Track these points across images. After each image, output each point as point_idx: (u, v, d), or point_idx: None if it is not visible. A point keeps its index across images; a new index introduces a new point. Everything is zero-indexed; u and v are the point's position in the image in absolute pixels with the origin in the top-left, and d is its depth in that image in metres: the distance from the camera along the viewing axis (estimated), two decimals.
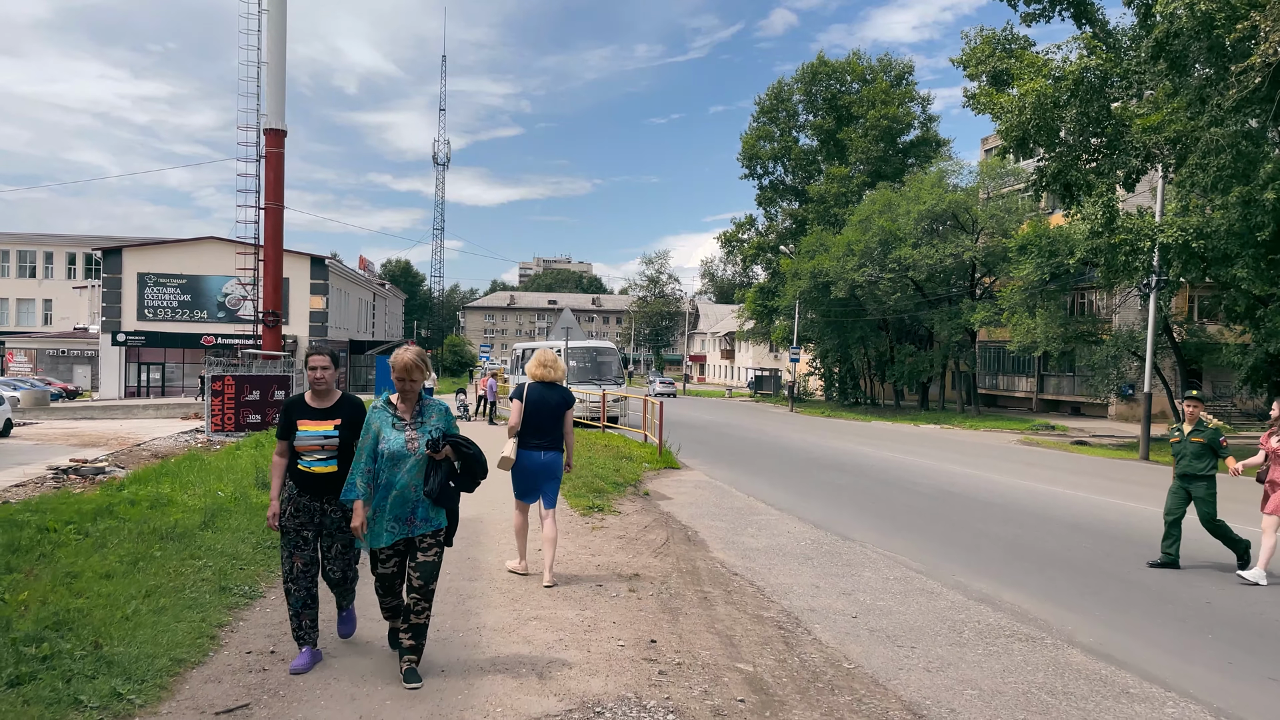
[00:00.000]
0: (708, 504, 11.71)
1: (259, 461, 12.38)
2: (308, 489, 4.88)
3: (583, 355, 27.11)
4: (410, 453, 4.66)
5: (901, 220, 41.31)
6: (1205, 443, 8.56)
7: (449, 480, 4.78)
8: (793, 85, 56.14)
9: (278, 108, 36.41)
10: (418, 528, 4.71)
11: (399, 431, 4.71)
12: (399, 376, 4.77)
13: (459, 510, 4.94)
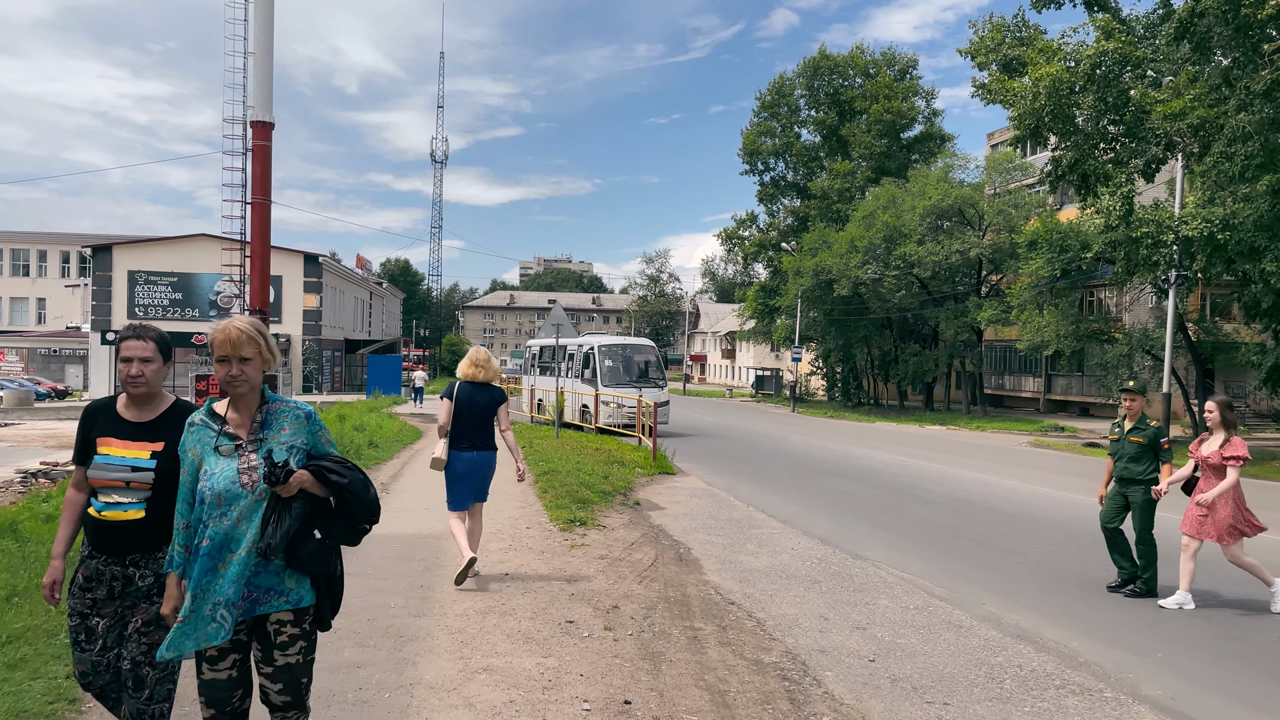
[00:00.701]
0: (704, 515, 10.68)
1: None
2: (104, 545, 3.17)
3: (617, 354, 23.92)
4: (245, 490, 2.93)
5: (906, 216, 40.24)
6: (1145, 443, 7.52)
7: (312, 528, 2.97)
8: (794, 80, 55.08)
9: (265, 100, 35.34)
10: (264, 605, 2.97)
11: (229, 458, 2.96)
12: (221, 358, 3.00)
13: (341, 573, 3.21)
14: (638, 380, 23.24)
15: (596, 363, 22.95)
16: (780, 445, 22.65)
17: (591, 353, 23.39)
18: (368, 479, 3.15)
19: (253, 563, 2.91)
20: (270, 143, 34.84)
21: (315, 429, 3.14)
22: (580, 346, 24.14)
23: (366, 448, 16.36)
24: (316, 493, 3.01)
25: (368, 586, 6.56)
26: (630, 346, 24.54)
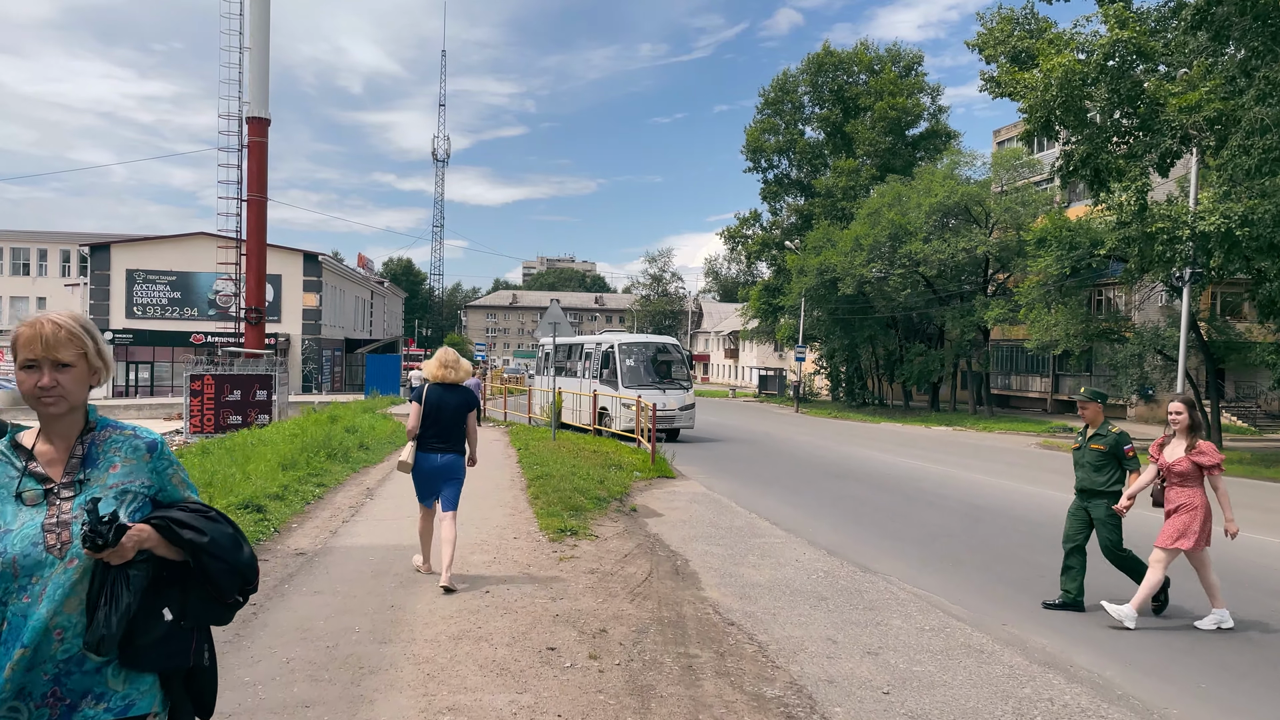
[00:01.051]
0: (703, 523, 10.13)
1: (196, 474, 10.82)
2: None
3: (640, 353, 22.40)
4: (51, 556, 1.98)
5: (912, 214, 39.65)
6: (1107, 450, 6.91)
7: (159, 606, 2.06)
8: (798, 76, 54.50)
9: (261, 95, 34.85)
10: (77, 715, 1.99)
11: (33, 509, 2.02)
12: (28, 363, 2.07)
13: (212, 661, 2.22)
14: (661, 380, 21.83)
15: (617, 362, 21.75)
16: (784, 446, 22.10)
17: (611, 351, 22.07)
18: (238, 533, 2.23)
19: (59, 656, 1.97)
20: (266, 139, 34.47)
21: (162, 465, 2.23)
22: (598, 345, 22.98)
23: (356, 450, 15.83)
24: (165, 555, 2.07)
25: (335, 606, 6.02)
26: (653, 345, 22.98)
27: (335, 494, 11.21)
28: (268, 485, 10.41)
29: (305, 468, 12.40)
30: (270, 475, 11.28)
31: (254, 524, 8.35)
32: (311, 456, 13.49)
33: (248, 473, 11.26)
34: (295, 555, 7.52)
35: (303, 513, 9.62)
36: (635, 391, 20.34)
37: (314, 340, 54.85)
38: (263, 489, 10.10)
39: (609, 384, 21.57)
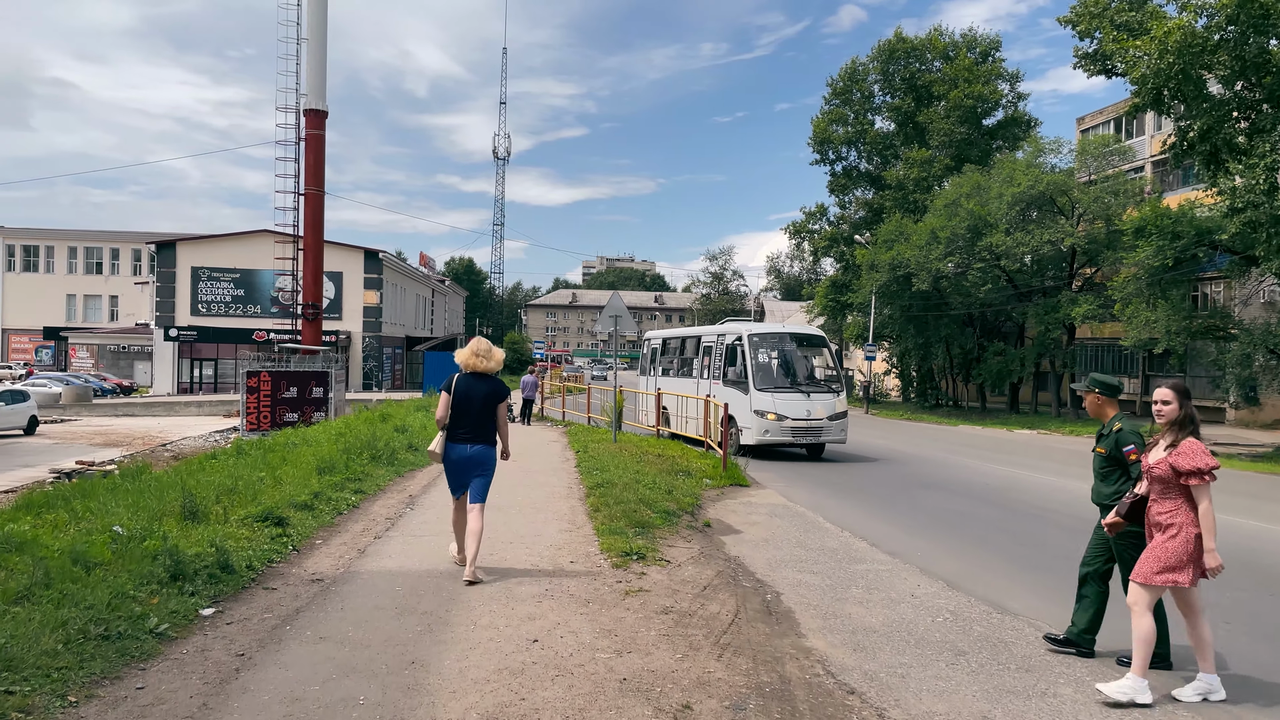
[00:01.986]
0: (789, 542, 8.69)
1: (218, 479, 9.76)
2: None
3: (776, 347, 17.79)
4: None
5: (993, 204, 37.47)
6: (1108, 454, 5.44)
7: None
8: (868, 65, 52.42)
9: (318, 87, 34.29)
10: None
11: None
12: None
13: None
14: (804, 382, 17.57)
15: (746, 358, 17.32)
16: (861, 450, 20.45)
17: (739, 345, 17.69)
18: None
19: None
20: (324, 131, 33.82)
21: None
22: (721, 337, 18.84)
23: (404, 451, 14.72)
24: None
25: (340, 661, 4.73)
26: (795, 337, 18.54)
27: (373, 502, 10.03)
28: (297, 492, 9.27)
29: (344, 471, 11.27)
30: (303, 480, 10.17)
31: (269, 541, 7.18)
32: (353, 459, 12.39)
33: (278, 477, 10.16)
34: (310, 582, 6.30)
35: (332, 526, 8.43)
36: (770, 396, 16.82)
37: (374, 338, 54.57)
38: (290, 497, 8.96)
39: (736, 385, 17.44)
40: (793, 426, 16.72)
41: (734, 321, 20.12)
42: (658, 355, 22.61)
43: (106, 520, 7.11)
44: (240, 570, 6.18)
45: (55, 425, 31.38)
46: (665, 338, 22.43)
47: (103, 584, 5.30)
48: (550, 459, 15.11)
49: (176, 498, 7.86)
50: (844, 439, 17.74)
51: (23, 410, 27.73)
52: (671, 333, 22.62)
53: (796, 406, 16.78)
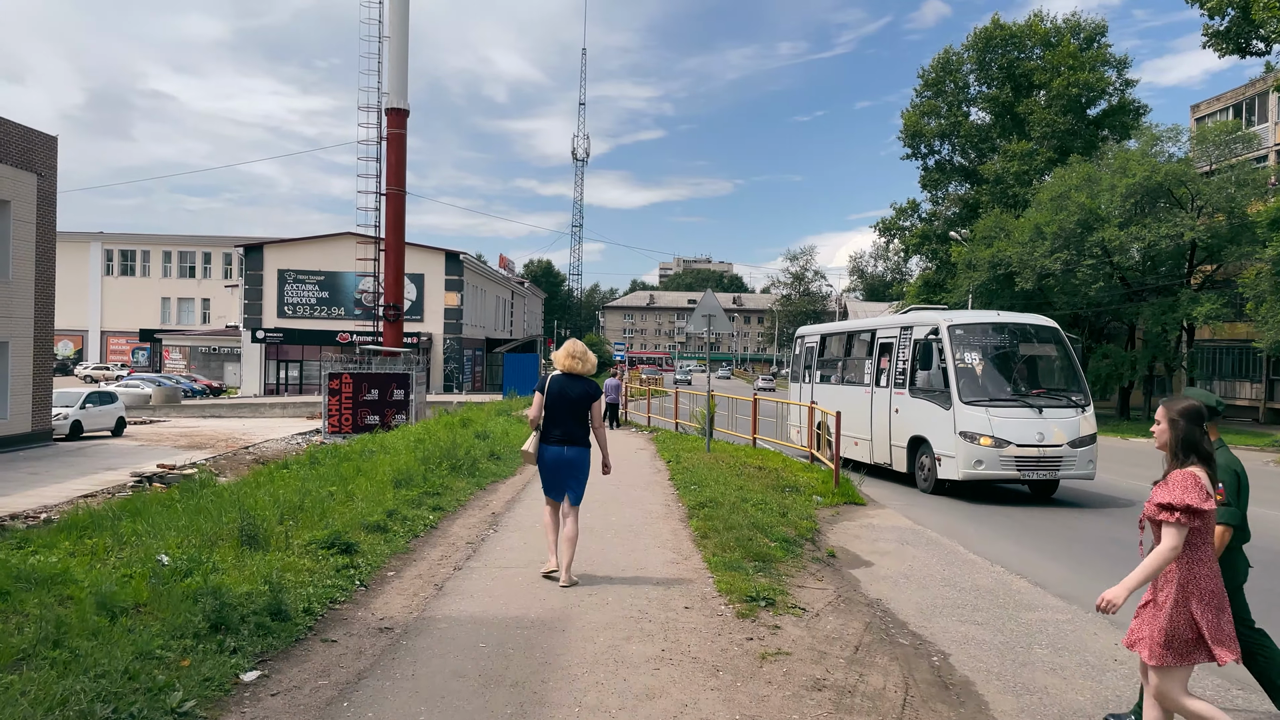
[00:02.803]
0: (934, 579, 7.35)
1: (286, 494, 8.87)
2: None
3: (987, 340, 13.21)
4: None
5: (1103, 197, 35.06)
6: None
7: None
8: (962, 54, 49.98)
9: (400, 86, 33.93)
10: None
11: None
12: None
13: None
14: (1034, 393, 12.78)
15: (947, 359, 12.86)
16: None
17: (936, 341, 13.18)
18: None
19: None
20: (405, 131, 33.39)
21: None
22: (907, 331, 14.15)
23: (486, 460, 13.77)
24: None
25: None
26: (1016, 330, 13.68)
27: (453, 521, 9.02)
28: (369, 510, 8.30)
29: (422, 485, 10.31)
30: (377, 495, 9.22)
31: (333, 574, 6.17)
32: (432, 470, 11.44)
33: (350, 492, 9.23)
34: (378, 632, 5.24)
35: (406, 553, 7.41)
36: (983, 412, 12.31)
37: (455, 339, 54.43)
38: (361, 516, 8.00)
39: (929, 396, 13.21)
40: (1018, 456, 12.08)
41: (923, 309, 15.79)
42: (813, 356, 18.02)
43: (152, 547, 6.20)
44: (296, 615, 5.17)
45: (143, 426, 31.65)
46: (825, 334, 18.09)
47: (126, 638, 4.32)
48: (640, 470, 13.97)
49: (235, 518, 6.93)
50: (1091, 473, 12.82)
51: (111, 411, 27.91)
52: (833, 327, 18.51)
53: (1023, 427, 12.15)
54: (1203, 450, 3.71)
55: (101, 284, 77.05)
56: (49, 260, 24.73)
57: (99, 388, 39.04)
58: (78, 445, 25.37)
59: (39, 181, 23.92)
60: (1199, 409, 3.75)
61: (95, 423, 27.27)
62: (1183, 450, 3.73)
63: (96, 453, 24.01)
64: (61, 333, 77.65)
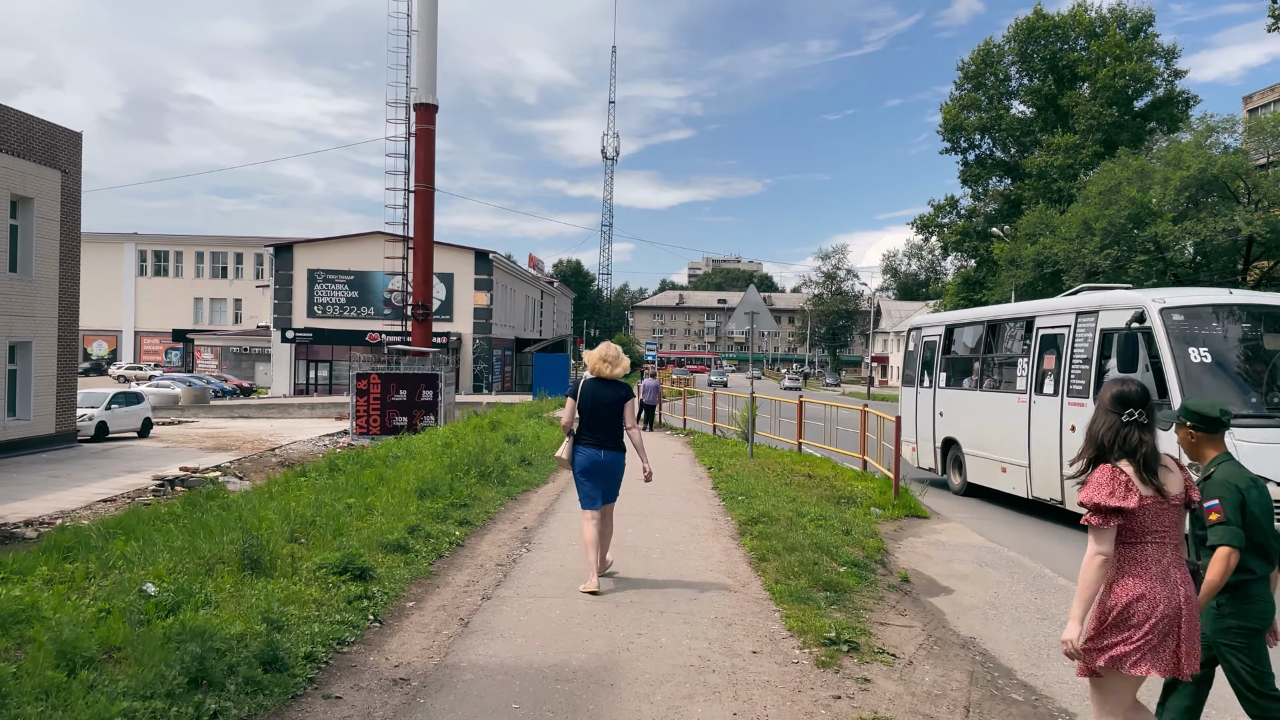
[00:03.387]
0: (1028, 611, 6.42)
1: (299, 507, 8.10)
2: None
3: (1224, 331, 9.55)
4: None
5: (1156, 190, 33.65)
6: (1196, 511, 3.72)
7: None
8: (1003, 46, 48.62)
9: (429, 81, 33.28)
10: None
11: None
12: None
13: None
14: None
15: (1165, 357, 9.15)
16: None
17: (1144, 332, 9.52)
18: None
19: None
20: (434, 126, 32.71)
21: None
22: (1089, 317, 10.68)
23: (516, 466, 12.96)
24: None
25: None
26: (1265, 313, 9.81)
27: (481, 538, 8.20)
28: (389, 526, 7.51)
29: (449, 495, 9.50)
30: (399, 508, 8.43)
31: (344, 606, 5.36)
32: (459, 478, 10.64)
33: (370, 504, 8.44)
34: (390, 685, 4.41)
35: (428, 576, 6.58)
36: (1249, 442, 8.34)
37: (484, 339, 53.87)
38: (380, 533, 7.20)
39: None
40: None
41: (1108, 289, 12.11)
42: (934, 353, 14.42)
43: (138, 576, 5.42)
44: (294, 664, 4.36)
45: (170, 427, 31.27)
46: (952, 324, 14.47)
47: (83, 701, 3.52)
48: (680, 477, 13.10)
49: (238, 538, 6.15)
50: None
51: (137, 412, 27.50)
52: (964, 316, 14.79)
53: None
54: (1120, 438, 3.27)
55: (135, 284, 77.46)
56: (73, 258, 24.32)
57: (129, 388, 38.89)
58: (102, 447, 24.95)
59: (63, 178, 23.50)
60: (1126, 394, 3.32)
61: (121, 424, 26.87)
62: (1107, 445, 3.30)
63: (121, 454, 23.55)
64: (96, 333, 78.34)
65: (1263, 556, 3.57)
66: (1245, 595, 3.55)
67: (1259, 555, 3.56)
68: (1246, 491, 3.59)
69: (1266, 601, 3.57)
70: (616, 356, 6.60)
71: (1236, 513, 3.52)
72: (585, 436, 6.48)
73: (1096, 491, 3.19)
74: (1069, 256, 35.04)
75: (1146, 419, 3.28)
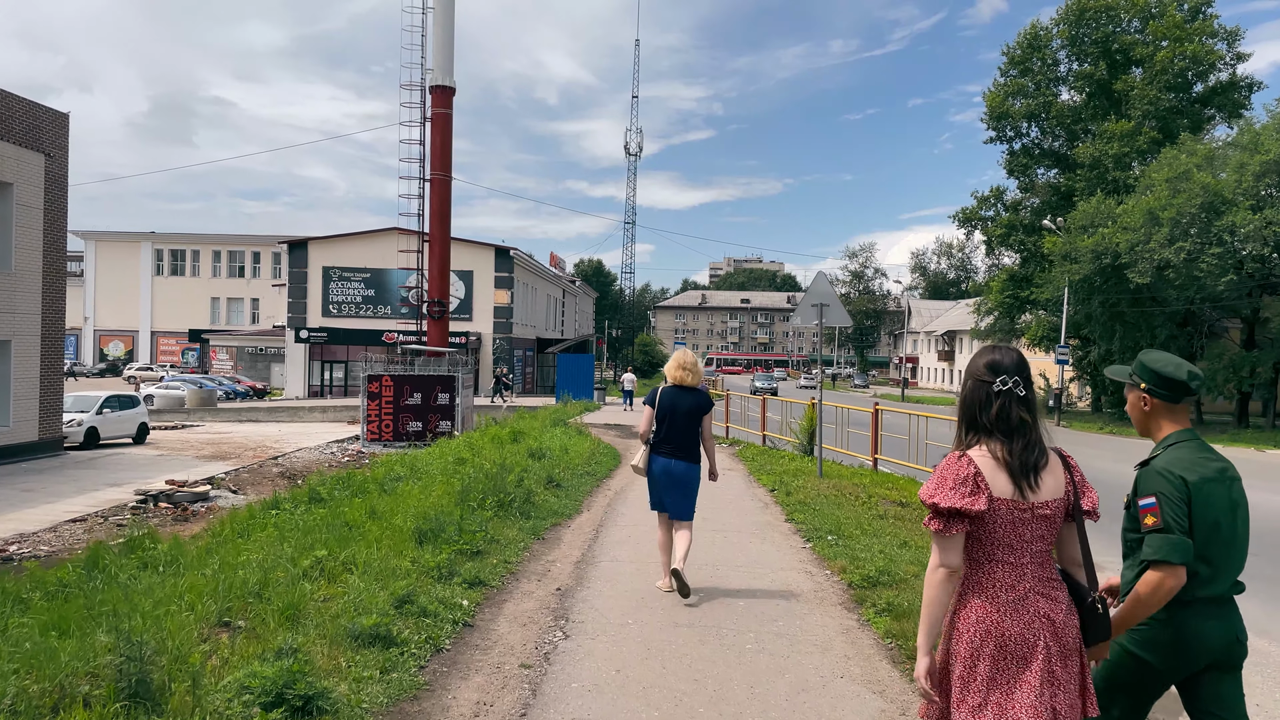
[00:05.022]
0: None
1: (245, 573, 5.88)
2: None
3: None
4: None
5: (1231, 177, 31.05)
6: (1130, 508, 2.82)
7: None
8: (1050, 29, 45.98)
9: (445, 62, 31.09)
10: None
11: None
12: None
13: None
14: None
15: None
16: (1107, 479, 15.22)
17: None
18: None
19: None
20: (451, 110, 30.40)
21: None
22: None
23: (543, 489, 10.71)
24: None
25: None
26: None
27: (499, 608, 5.94)
28: (371, 597, 5.27)
29: (457, 537, 7.26)
30: (389, 561, 6.20)
31: None
32: (471, 510, 8.41)
33: (347, 559, 6.21)
34: None
35: (415, 698, 4.32)
36: None
37: (505, 339, 51.78)
38: (357, 608, 4.97)
39: None
40: None
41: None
42: None
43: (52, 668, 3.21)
44: None
45: (171, 432, 29.30)
46: None
47: None
48: (742, 502, 10.82)
49: (114, 642, 3.91)
50: None
51: (132, 417, 25.52)
52: None
53: None
54: (981, 423, 2.57)
55: (152, 284, 76.17)
56: (59, 250, 22.34)
57: (138, 389, 37.15)
58: (91, 455, 22.96)
59: (47, 162, 21.54)
60: (999, 360, 2.63)
61: (113, 429, 24.89)
62: (962, 420, 2.65)
63: (108, 464, 21.55)
64: (112, 333, 77.14)
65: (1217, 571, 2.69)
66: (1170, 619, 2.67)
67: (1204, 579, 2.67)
68: (1199, 488, 2.69)
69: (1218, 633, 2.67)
70: (694, 364, 6.52)
71: (1180, 516, 2.64)
72: (661, 445, 6.38)
73: (937, 487, 2.53)
74: (1133, 248, 32.46)
75: (1024, 390, 2.59)
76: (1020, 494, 2.47)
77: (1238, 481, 2.79)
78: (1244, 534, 2.76)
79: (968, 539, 2.51)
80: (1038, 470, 2.50)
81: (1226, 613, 2.71)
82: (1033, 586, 2.49)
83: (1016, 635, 2.45)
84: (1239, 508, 2.75)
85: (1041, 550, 2.53)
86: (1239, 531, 2.73)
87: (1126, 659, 2.75)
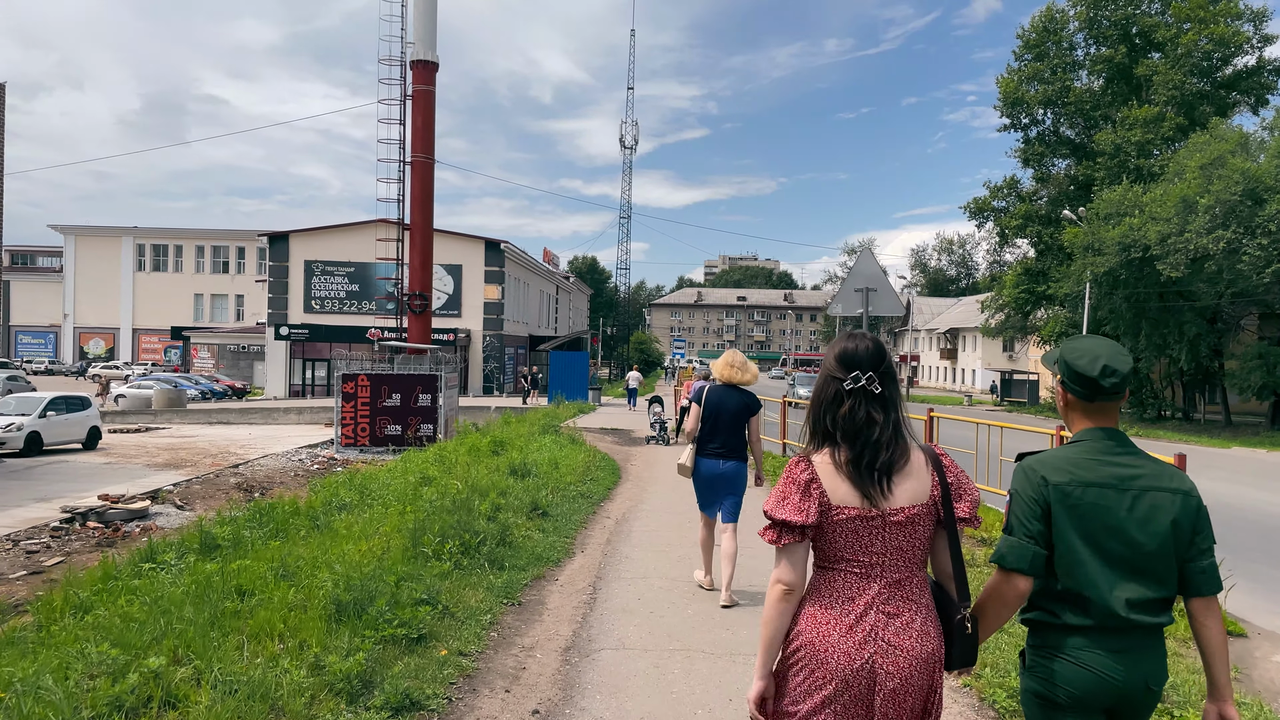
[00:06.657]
0: None
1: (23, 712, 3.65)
2: None
3: None
4: None
5: (1270, 162, 28.96)
6: None
7: None
8: (1066, 12, 43.89)
9: (428, 35, 28.75)
10: None
11: None
12: None
13: None
14: None
15: None
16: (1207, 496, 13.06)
17: None
18: None
19: None
20: (434, 87, 27.90)
21: None
22: None
23: (524, 521, 8.47)
24: None
25: None
26: None
27: None
28: None
29: (393, 607, 5.02)
30: (277, 666, 3.96)
31: None
32: (425, 561, 6.18)
33: (205, 663, 3.95)
34: None
35: None
36: None
37: (495, 336, 49.54)
38: None
39: None
40: None
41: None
42: None
43: None
44: None
45: (129, 436, 26.98)
46: None
47: None
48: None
49: None
50: None
51: (80, 420, 23.19)
52: None
53: None
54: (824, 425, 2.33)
55: (134, 280, 73.77)
56: None
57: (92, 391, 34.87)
58: (29, 463, 20.67)
59: None
60: (852, 351, 2.36)
61: (59, 434, 22.57)
62: (808, 419, 2.40)
63: (45, 474, 19.25)
64: (93, 330, 74.67)
65: (1077, 605, 2.25)
66: (1045, 644, 2.31)
67: (1072, 602, 2.26)
68: (1065, 491, 2.29)
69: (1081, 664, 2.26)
70: (744, 363, 6.39)
71: (1029, 518, 2.31)
72: (708, 445, 6.26)
73: (775, 495, 2.30)
74: (1165, 239, 30.31)
75: (879, 387, 2.30)
76: (869, 501, 2.20)
77: (1153, 493, 2.29)
78: (1152, 555, 2.25)
79: (815, 548, 2.26)
80: (890, 474, 2.23)
81: (1124, 646, 2.24)
82: (876, 603, 2.20)
83: (842, 656, 2.16)
84: (1148, 523, 2.26)
85: (901, 563, 2.23)
86: (1141, 551, 2.25)
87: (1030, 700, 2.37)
